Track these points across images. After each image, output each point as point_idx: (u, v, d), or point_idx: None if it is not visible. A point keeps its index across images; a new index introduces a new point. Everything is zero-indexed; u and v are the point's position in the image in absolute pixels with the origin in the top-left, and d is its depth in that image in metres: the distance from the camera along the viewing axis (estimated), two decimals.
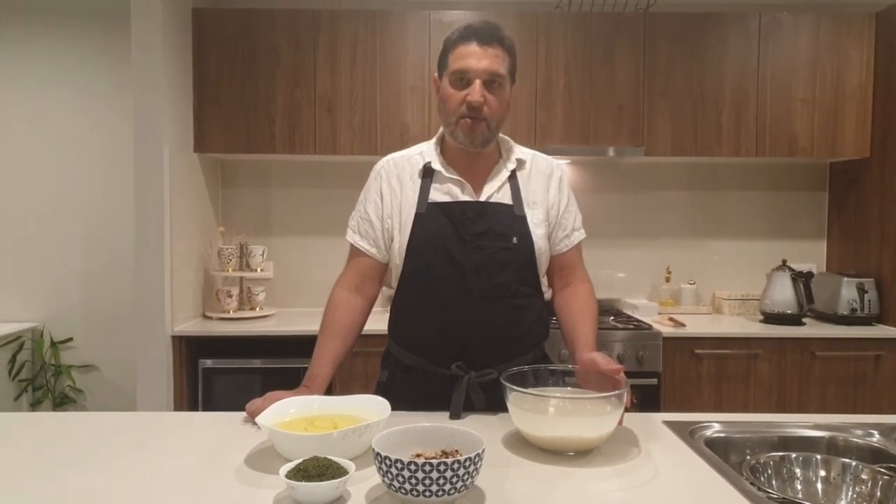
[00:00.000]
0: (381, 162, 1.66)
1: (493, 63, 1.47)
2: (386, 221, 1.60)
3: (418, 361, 1.59)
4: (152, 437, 1.39)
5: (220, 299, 3.14)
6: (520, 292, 1.56)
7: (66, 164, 3.50)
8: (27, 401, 3.47)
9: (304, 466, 1.06)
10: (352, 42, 3.07)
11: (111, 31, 3.44)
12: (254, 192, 3.51)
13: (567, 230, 1.64)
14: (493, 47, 1.47)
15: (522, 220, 1.55)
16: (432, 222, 1.54)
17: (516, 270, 1.54)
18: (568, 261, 1.66)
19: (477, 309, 1.52)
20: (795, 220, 3.60)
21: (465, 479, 1.01)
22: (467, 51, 1.47)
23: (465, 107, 1.49)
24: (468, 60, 1.47)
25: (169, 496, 1.08)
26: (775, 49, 3.15)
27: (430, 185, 1.57)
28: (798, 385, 2.93)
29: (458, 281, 1.51)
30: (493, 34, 1.48)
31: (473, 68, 1.46)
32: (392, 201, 1.60)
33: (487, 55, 1.46)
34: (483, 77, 1.47)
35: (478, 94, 1.47)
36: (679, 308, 3.40)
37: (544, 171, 1.63)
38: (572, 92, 3.12)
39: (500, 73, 1.48)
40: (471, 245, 1.52)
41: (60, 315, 3.53)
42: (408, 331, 1.63)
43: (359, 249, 1.64)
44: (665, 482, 1.16)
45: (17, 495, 1.08)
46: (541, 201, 1.60)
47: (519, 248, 1.54)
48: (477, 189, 1.57)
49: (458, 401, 1.49)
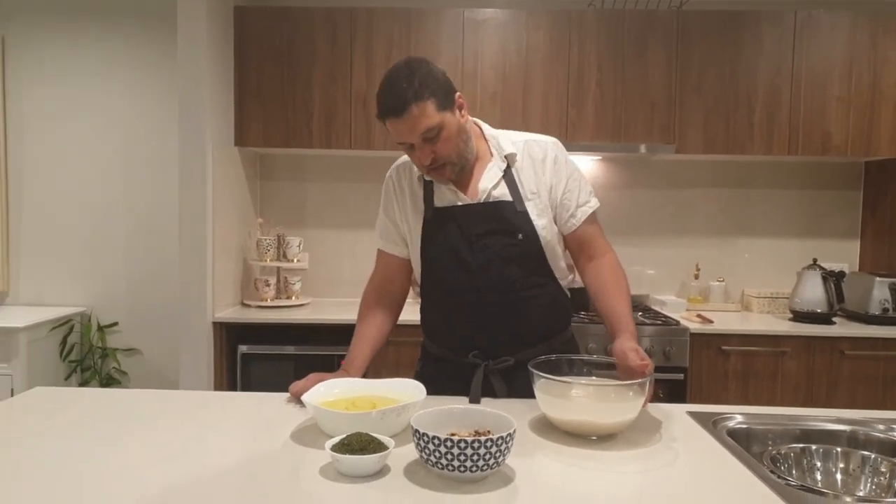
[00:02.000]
0: (390, 169, 1.74)
1: (416, 125, 1.45)
2: (400, 224, 1.70)
3: (443, 352, 1.69)
4: (202, 414, 1.49)
5: (258, 288, 3.26)
6: (529, 284, 1.60)
7: (115, 157, 3.64)
8: (76, 381, 3.63)
9: (347, 441, 1.14)
10: (387, 39, 3.14)
11: (158, 29, 3.57)
12: (290, 185, 3.62)
13: (571, 209, 1.63)
14: (409, 111, 1.43)
15: (525, 216, 1.58)
16: (439, 227, 1.61)
17: (523, 264, 1.59)
18: (583, 235, 1.65)
19: (487, 304, 1.59)
20: (827, 219, 3.58)
21: (497, 456, 1.08)
22: (393, 127, 1.48)
23: (422, 166, 1.54)
24: (399, 136, 1.49)
25: (222, 466, 1.16)
26: (810, 47, 3.14)
27: (432, 191, 1.64)
28: (826, 384, 2.93)
29: (468, 279, 1.59)
30: (403, 100, 1.43)
31: (406, 139, 1.49)
32: (402, 206, 1.69)
33: (408, 121, 1.44)
34: (418, 140, 1.48)
35: (425, 158, 1.50)
36: (708, 305, 3.42)
37: (537, 156, 1.63)
38: (604, 89, 3.15)
39: (429, 127, 1.46)
40: (477, 244, 1.58)
41: (107, 300, 3.69)
42: (432, 324, 1.73)
43: (384, 251, 1.76)
44: (685, 466, 1.21)
45: (81, 462, 1.18)
46: (538, 190, 1.61)
47: (525, 243, 1.58)
48: (472, 191, 1.61)
49: (477, 387, 1.57)
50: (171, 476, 1.11)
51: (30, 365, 3.23)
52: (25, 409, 1.49)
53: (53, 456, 1.19)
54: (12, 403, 1.53)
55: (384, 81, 1.48)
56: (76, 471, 1.13)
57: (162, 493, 1.05)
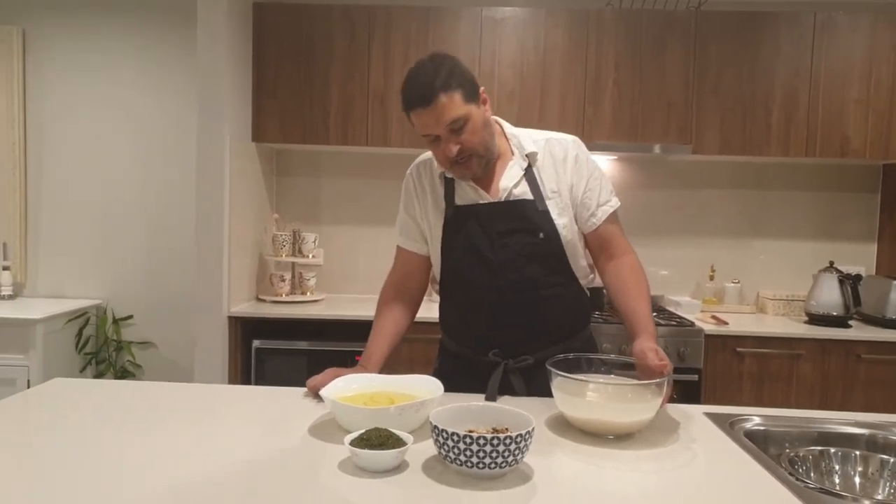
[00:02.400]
0: (410, 167, 1.75)
1: (444, 115, 1.45)
2: (420, 222, 1.71)
3: (461, 349, 1.69)
4: (220, 407, 1.51)
5: (274, 283, 3.27)
6: (549, 283, 1.60)
7: (132, 151, 3.67)
8: (91, 373, 3.67)
9: (366, 436, 1.15)
10: (405, 37, 3.15)
11: (176, 24, 3.59)
12: (306, 181, 3.63)
13: (591, 208, 1.63)
14: (436, 100, 1.44)
15: (546, 215, 1.58)
16: (460, 225, 1.62)
17: (544, 263, 1.59)
18: (604, 234, 1.65)
19: (508, 302, 1.59)
20: (844, 222, 3.56)
21: (516, 453, 1.09)
22: (419, 119, 1.48)
23: (447, 159, 1.53)
24: (425, 127, 1.49)
25: (242, 459, 1.17)
26: (829, 48, 3.12)
27: (454, 189, 1.64)
28: (842, 387, 2.91)
29: (489, 277, 1.59)
30: (428, 90, 1.44)
31: (432, 131, 1.49)
32: (422, 204, 1.70)
33: (436, 112, 1.45)
34: (444, 131, 1.48)
35: (451, 150, 1.49)
36: (722, 307, 3.41)
37: (558, 155, 1.63)
38: (622, 89, 3.14)
39: (456, 118, 1.46)
40: (498, 243, 1.58)
41: (123, 294, 3.72)
42: (452, 323, 1.73)
43: (403, 248, 1.76)
44: (703, 467, 1.21)
45: (101, 453, 1.20)
46: (559, 189, 1.61)
47: (546, 242, 1.58)
48: (494, 190, 1.61)
49: (494, 385, 1.57)
50: (190, 469, 1.13)
51: (46, 356, 3.27)
52: (44, 400, 1.50)
53: (74, 447, 1.21)
54: (31, 394, 1.55)
55: (410, 74, 1.49)
56: (96, 462, 1.15)
57: (182, 486, 1.06)
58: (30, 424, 1.34)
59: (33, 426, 1.32)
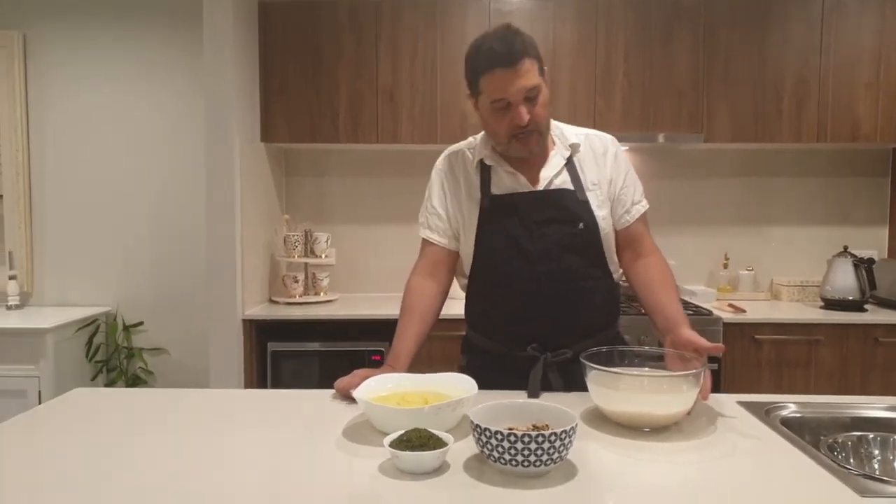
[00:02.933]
0: (440, 159, 1.73)
1: (526, 80, 1.45)
2: (451, 213, 1.67)
3: (495, 346, 1.66)
4: (248, 412, 1.48)
5: (287, 284, 3.26)
6: (588, 275, 1.60)
7: (138, 155, 3.64)
8: (102, 381, 3.65)
9: (406, 437, 1.13)
10: (412, 32, 3.13)
11: (181, 27, 3.56)
12: (315, 180, 3.61)
13: (626, 205, 1.65)
14: (521, 64, 1.43)
15: (586, 205, 1.59)
16: (498, 214, 1.60)
17: (583, 254, 1.58)
18: (634, 233, 1.67)
19: (547, 293, 1.57)
20: (855, 206, 3.55)
21: (561, 450, 1.07)
22: (498, 80, 1.45)
23: (513, 129, 1.50)
24: (504, 88, 1.45)
25: (279, 464, 1.16)
26: (838, 33, 3.10)
27: (490, 178, 1.62)
28: (861, 371, 2.90)
29: (528, 268, 1.57)
30: (515, 51, 1.44)
31: (511, 93, 1.46)
32: (455, 195, 1.67)
33: (518, 74, 1.44)
34: (521, 97, 1.47)
35: (523, 118, 1.47)
36: (737, 294, 3.40)
37: (598, 149, 1.65)
38: (632, 78, 3.13)
39: (534, 86, 1.47)
40: (537, 233, 1.57)
41: (132, 300, 3.70)
42: (483, 317, 1.69)
43: (429, 242, 1.71)
44: (744, 457, 1.19)
45: (135, 463, 1.18)
46: (599, 181, 1.62)
47: (585, 233, 1.58)
48: (533, 179, 1.60)
49: (536, 380, 1.54)
50: (225, 476, 1.11)
51: (57, 366, 3.24)
52: (67, 410, 1.47)
53: (102, 458, 1.19)
54: (53, 405, 1.51)
55: (487, 37, 1.47)
56: (130, 472, 1.13)
57: (218, 494, 1.04)
58: (55, 435, 1.31)
59: (58, 437, 1.30)
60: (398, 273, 3.49)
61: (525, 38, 1.47)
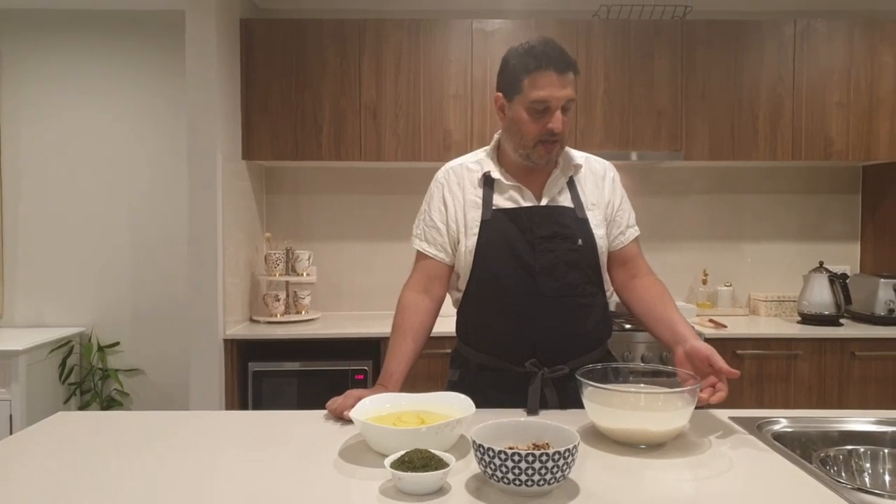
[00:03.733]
0: (440, 171, 1.73)
1: (568, 91, 1.50)
2: (451, 226, 1.66)
3: (491, 361, 1.65)
4: (240, 434, 1.46)
5: (268, 303, 3.22)
6: (586, 291, 1.62)
7: (116, 171, 3.59)
8: (76, 404, 3.56)
9: (407, 458, 1.12)
10: (396, 50, 3.14)
11: (164, 42, 3.54)
12: (296, 197, 3.58)
13: (622, 227, 1.70)
14: (569, 73, 1.50)
15: (585, 223, 1.62)
16: (499, 228, 1.60)
17: (582, 270, 1.61)
18: (628, 254, 1.71)
19: (547, 308, 1.58)
20: (828, 223, 3.63)
21: (564, 469, 1.07)
22: (547, 80, 1.48)
23: (545, 133, 1.53)
24: (550, 91, 1.48)
25: (276, 488, 1.13)
26: (810, 55, 3.20)
27: (492, 192, 1.64)
28: (838, 385, 2.96)
29: (529, 282, 1.57)
30: (568, 61, 1.50)
31: (556, 98, 1.49)
32: (455, 208, 1.66)
33: (565, 83, 1.49)
34: (561, 104, 1.51)
35: (558, 124, 1.51)
36: (716, 310, 3.44)
37: (598, 172, 1.70)
38: (612, 97, 3.17)
39: (573, 99, 1.53)
40: (539, 248, 1.58)
41: (108, 320, 3.62)
42: (479, 332, 1.68)
43: (425, 255, 1.70)
44: (741, 473, 1.20)
45: (126, 488, 1.15)
46: (598, 202, 1.66)
47: (584, 249, 1.60)
48: (537, 195, 1.63)
49: (535, 396, 1.54)
50: (223, 499, 1.09)
51: (29, 389, 3.17)
52: (51, 435, 1.43)
53: (90, 483, 1.16)
54: (36, 430, 1.46)
55: (534, 43, 1.52)
56: (120, 499, 1.09)
57: None
58: (39, 459, 1.27)
59: (42, 461, 1.26)
60: (380, 291, 3.53)
61: (571, 55, 1.54)
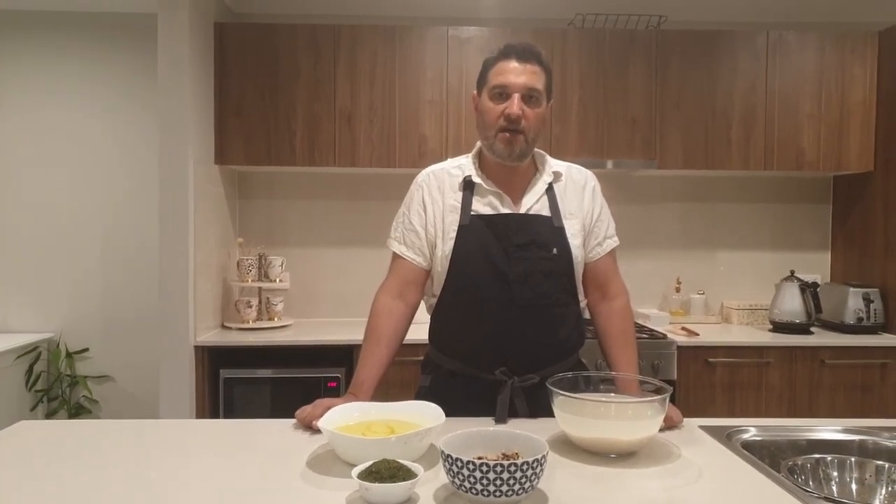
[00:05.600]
0: (421, 174, 1.72)
1: (530, 78, 1.54)
2: (429, 230, 1.65)
3: (462, 367, 1.64)
4: (208, 443, 1.43)
5: (240, 310, 3.17)
6: (560, 300, 1.61)
7: (84, 175, 3.53)
8: (43, 411, 3.48)
9: (375, 469, 1.10)
10: (371, 56, 3.13)
11: (136, 45, 3.49)
12: (270, 203, 3.55)
13: (599, 238, 1.69)
14: (531, 64, 1.55)
15: (561, 232, 1.61)
16: (476, 234, 1.60)
17: (557, 279, 1.60)
18: (602, 269, 1.70)
19: (520, 316, 1.57)
20: (799, 232, 3.68)
21: (533, 479, 1.06)
22: (507, 67, 1.55)
23: (503, 120, 1.54)
24: (507, 76, 1.54)
25: (243, 498, 1.11)
26: (782, 66, 3.24)
27: (472, 197, 1.63)
28: (808, 392, 2.99)
29: (503, 290, 1.57)
30: (532, 52, 1.56)
31: (512, 83, 1.53)
32: (434, 211, 1.65)
33: (525, 71, 1.54)
34: (521, 91, 1.53)
35: (516, 107, 1.53)
36: (689, 318, 3.47)
37: (578, 181, 1.69)
38: (587, 106, 3.19)
39: (537, 89, 1.55)
40: (514, 256, 1.57)
41: (76, 326, 3.56)
42: (451, 338, 1.67)
43: (402, 258, 1.68)
44: (710, 482, 1.20)
45: (89, 500, 1.12)
46: (576, 212, 1.65)
47: (559, 259, 1.60)
48: (516, 201, 1.62)
49: (504, 405, 1.54)
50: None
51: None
52: (13, 445, 1.39)
53: (54, 494, 1.12)
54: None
55: (507, 44, 1.59)
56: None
57: None
58: (1, 471, 1.23)
59: (4, 472, 1.22)
60: (354, 298, 3.50)
61: (546, 57, 1.59)
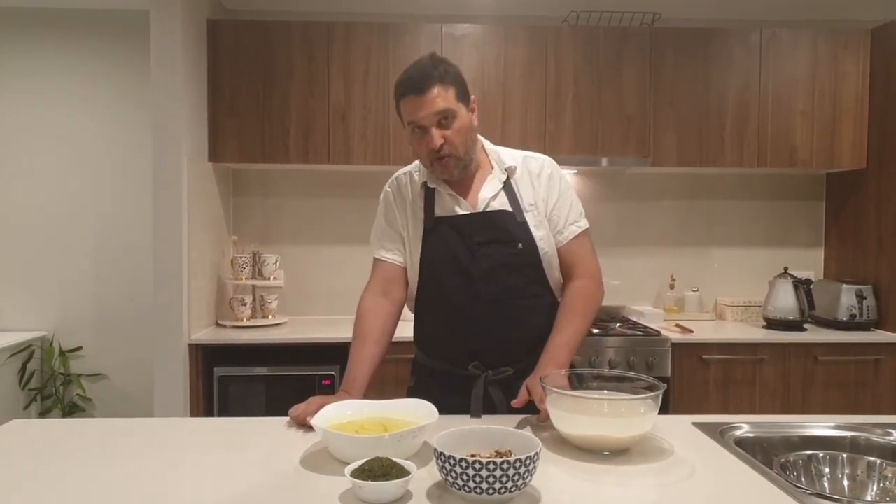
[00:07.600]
0: (388, 182, 1.77)
1: (434, 105, 1.51)
2: (402, 233, 1.71)
3: (440, 364, 1.68)
4: (202, 441, 1.43)
5: (234, 308, 3.17)
6: (528, 293, 1.63)
7: (77, 174, 3.52)
8: (36, 410, 3.47)
9: (368, 467, 1.10)
10: (365, 53, 3.12)
11: (129, 42, 3.47)
12: (264, 200, 3.54)
13: (559, 225, 1.67)
14: (430, 90, 1.50)
15: (524, 226, 1.62)
16: (440, 236, 1.63)
17: (523, 273, 1.62)
18: (569, 253, 1.68)
19: (487, 312, 1.60)
20: (793, 229, 3.69)
21: (526, 476, 1.06)
22: (410, 105, 1.53)
23: (431, 152, 1.56)
24: (416, 113, 1.52)
25: (236, 497, 1.11)
26: (776, 63, 3.24)
27: (433, 201, 1.66)
28: (802, 389, 3.00)
29: (469, 288, 1.60)
30: (425, 78, 1.51)
31: (421, 118, 1.52)
32: (401, 218, 1.70)
33: (427, 101, 1.50)
34: (433, 121, 1.52)
35: (435, 141, 1.53)
36: (683, 315, 3.48)
37: (534, 171, 1.69)
38: (581, 103, 3.19)
39: (447, 109, 1.52)
40: (479, 253, 1.60)
41: (70, 324, 3.54)
42: (428, 337, 1.72)
43: (383, 260, 1.73)
44: (703, 479, 1.20)
45: (82, 499, 1.11)
46: (535, 202, 1.65)
47: (524, 253, 1.61)
48: (473, 201, 1.64)
49: (478, 399, 1.57)
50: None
51: None
52: (5, 444, 1.38)
53: (47, 494, 1.12)
54: None
55: (409, 68, 1.55)
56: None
57: None
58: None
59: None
60: (348, 296, 3.46)
61: (443, 67, 1.53)
